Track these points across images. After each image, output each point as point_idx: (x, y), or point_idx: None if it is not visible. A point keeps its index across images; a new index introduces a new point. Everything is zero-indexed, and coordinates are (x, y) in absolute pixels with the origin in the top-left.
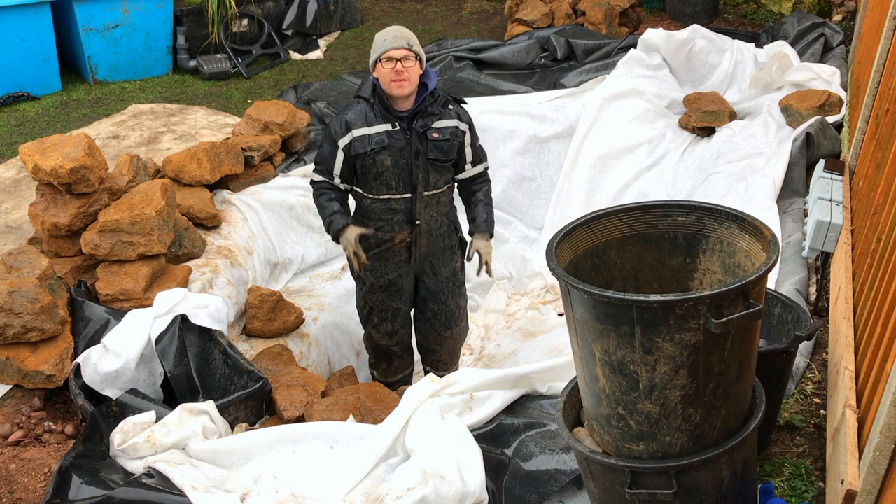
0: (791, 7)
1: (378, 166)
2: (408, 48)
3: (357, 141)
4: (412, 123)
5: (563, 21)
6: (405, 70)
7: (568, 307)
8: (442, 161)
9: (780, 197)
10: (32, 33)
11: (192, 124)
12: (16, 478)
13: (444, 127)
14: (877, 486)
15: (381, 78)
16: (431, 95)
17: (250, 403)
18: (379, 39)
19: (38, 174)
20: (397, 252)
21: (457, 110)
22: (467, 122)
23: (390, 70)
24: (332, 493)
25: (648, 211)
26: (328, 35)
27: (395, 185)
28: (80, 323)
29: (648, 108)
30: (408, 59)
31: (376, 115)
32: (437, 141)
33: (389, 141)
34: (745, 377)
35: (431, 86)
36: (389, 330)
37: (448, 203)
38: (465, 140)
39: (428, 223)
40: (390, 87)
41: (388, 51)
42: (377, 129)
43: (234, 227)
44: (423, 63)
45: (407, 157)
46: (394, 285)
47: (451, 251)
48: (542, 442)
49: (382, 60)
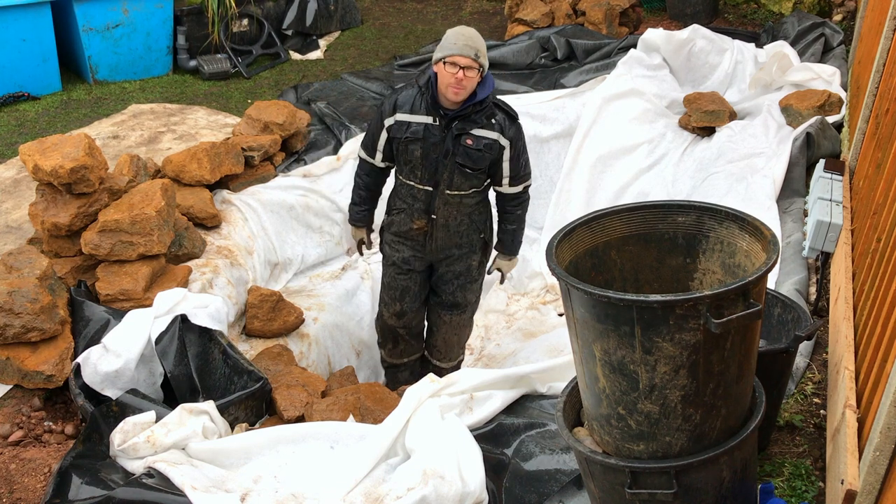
0: (791, 7)
1: (408, 154)
2: (474, 59)
3: (397, 124)
4: (452, 124)
5: (563, 21)
6: (466, 79)
7: (568, 307)
8: (470, 168)
9: (780, 197)
10: (32, 33)
11: (192, 124)
12: (16, 478)
13: (481, 136)
14: (877, 486)
15: (441, 78)
16: (479, 104)
17: (250, 403)
18: (449, 39)
19: (38, 174)
20: (415, 237)
21: (501, 124)
22: (510, 139)
23: (451, 75)
24: (332, 493)
25: (648, 211)
26: (328, 35)
27: (421, 175)
28: (80, 323)
29: (648, 108)
30: (471, 70)
31: (423, 105)
32: (468, 148)
33: (425, 134)
34: (745, 377)
35: (480, 95)
36: (398, 310)
37: (473, 206)
38: (504, 156)
39: (445, 219)
40: (447, 90)
41: (454, 55)
42: (418, 119)
43: (234, 227)
44: (484, 72)
45: (437, 154)
46: (407, 263)
47: (470, 248)
48: (542, 442)
49: (447, 62)
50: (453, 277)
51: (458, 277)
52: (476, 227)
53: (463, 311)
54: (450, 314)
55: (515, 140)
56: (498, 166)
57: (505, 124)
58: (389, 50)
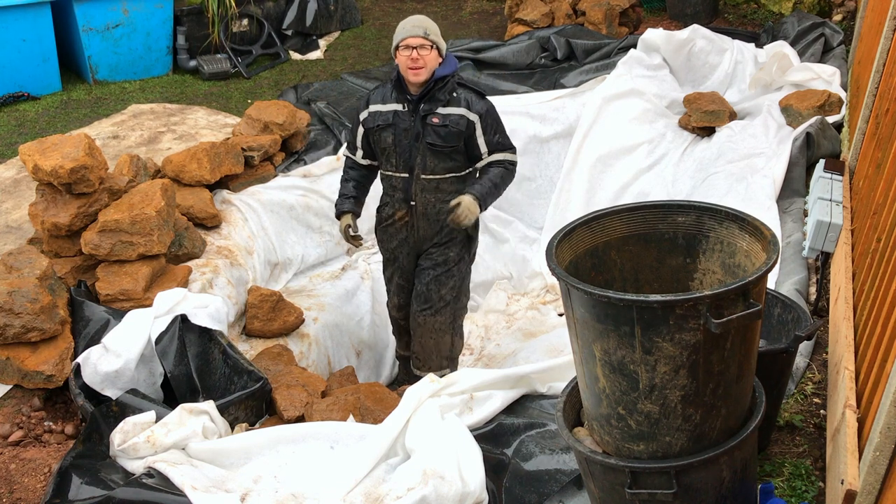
0: (791, 7)
1: (381, 142)
2: (424, 37)
3: (370, 116)
4: (419, 107)
5: (563, 21)
6: (420, 58)
7: (568, 307)
8: (440, 147)
9: (780, 197)
10: (32, 33)
11: (192, 124)
12: (16, 478)
13: (447, 114)
14: (877, 486)
15: (400, 64)
16: (441, 81)
17: (250, 403)
18: (399, 28)
19: (38, 174)
20: (399, 229)
21: (468, 100)
22: (479, 113)
23: (406, 57)
24: (332, 493)
25: (648, 211)
26: (328, 35)
27: (396, 163)
28: (80, 323)
29: (648, 108)
30: (423, 48)
31: (392, 95)
32: (435, 126)
33: (394, 120)
34: (745, 377)
35: (440, 73)
36: (396, 303)
37: (453, 193)
38: (476, 131)
39: (424, 206)
40: (407, 73)
41: (405, 38)
42: (388, 108)
43: (234, 227)
44: (441, 51)
45: (409, 140)
46: (396, 260)
47: (450, 239)
48: (542, 442)
49: (400, 48)
50: (429, 267)
51: (433, 268)
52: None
53: (436, 312)
54: (423, 313)
55: (485, 114)
56: (472, 143)
57: (472, 100)
58: (389, 50)
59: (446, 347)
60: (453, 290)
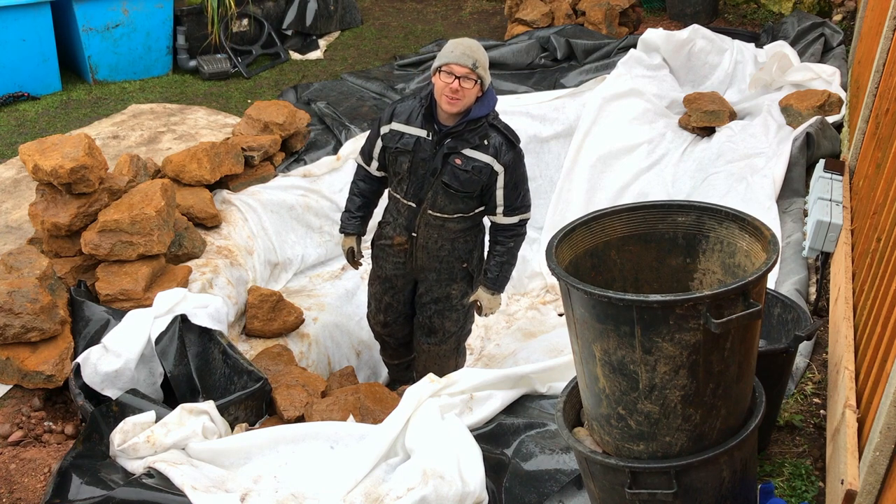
0: (791, 7)
1: (397, 165)
2: (471, 68)
3: (391, 133)
4: (444, 140)
5: (563, 21)
6: (461, 90)
7: (568, 307)
8: (455, 190)
9: (780, 197)
10: (32, 33)
11: (192, 124)
12: (16, 478)
13: (471, 158)
14: (877, 486)
15: (436, 87)
16: (474, 122)
17: (250, 403)
18: (448, 48)
19: (38, 174)
20: (396, 253)
21: (497, 148)
22: (505, 165)
23: (446, 85)
24: (332, 493)
25: (648, 211)
26: (328, 35)
27: (406, 190)
28: (80, 323)
29: (648, 108)
30: (467, 80)
31: (419, 118)
32: (456, 168)
33: (415, 147)
34: (745, 377)
35: (476, 113)
36: (382, 321)
37: (458, 233)
38: (498, 183)
39: (426, 241)
40: (441, 99)
41: (450, 63)
42: (411, 131)
43: (234, 227)
44: (484, 86)
45: (425, 171)
46: (389, 281)
47: (450, 276)
48: (542, 442)
49: (442, 71)
50: (430, 301)
51: (435, 302)
52: (458, 255)
53: (441, 342)
54: (427, 342)
55: (512, 167)
56: (491, 193)
57: (501, 149)
58: (389, 50)
59: (450, 368)
60: (458, 322)
